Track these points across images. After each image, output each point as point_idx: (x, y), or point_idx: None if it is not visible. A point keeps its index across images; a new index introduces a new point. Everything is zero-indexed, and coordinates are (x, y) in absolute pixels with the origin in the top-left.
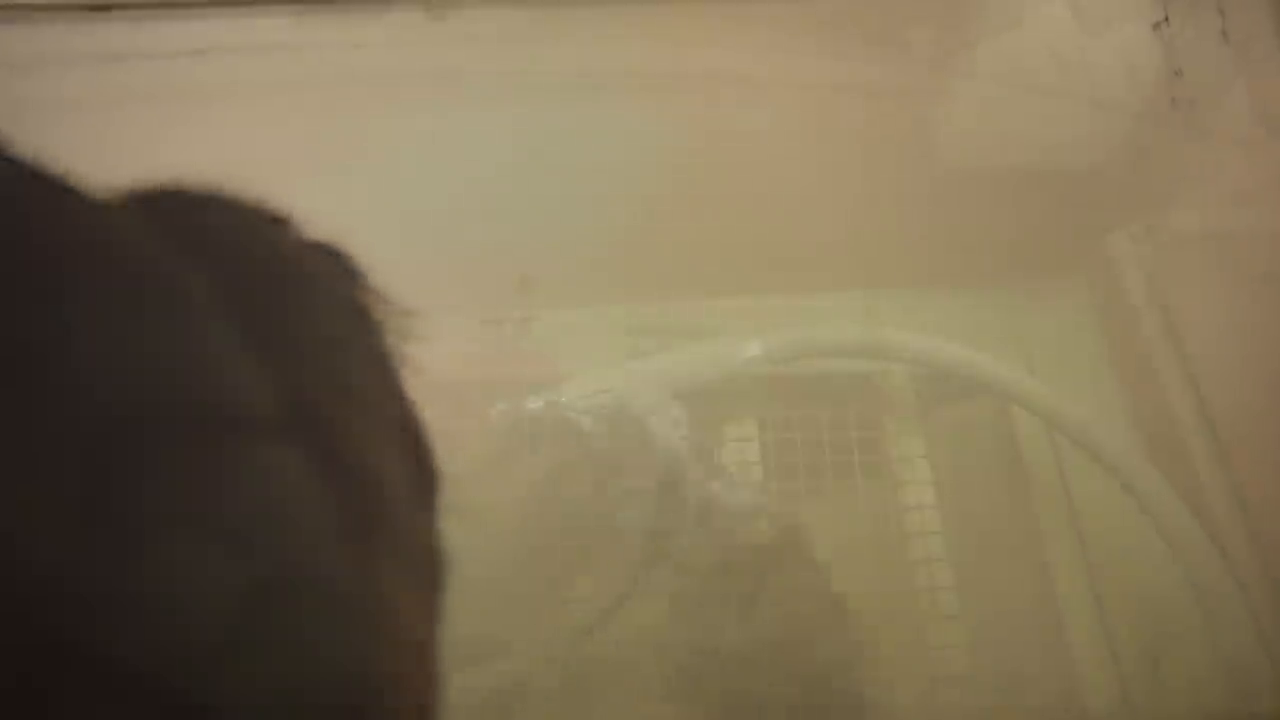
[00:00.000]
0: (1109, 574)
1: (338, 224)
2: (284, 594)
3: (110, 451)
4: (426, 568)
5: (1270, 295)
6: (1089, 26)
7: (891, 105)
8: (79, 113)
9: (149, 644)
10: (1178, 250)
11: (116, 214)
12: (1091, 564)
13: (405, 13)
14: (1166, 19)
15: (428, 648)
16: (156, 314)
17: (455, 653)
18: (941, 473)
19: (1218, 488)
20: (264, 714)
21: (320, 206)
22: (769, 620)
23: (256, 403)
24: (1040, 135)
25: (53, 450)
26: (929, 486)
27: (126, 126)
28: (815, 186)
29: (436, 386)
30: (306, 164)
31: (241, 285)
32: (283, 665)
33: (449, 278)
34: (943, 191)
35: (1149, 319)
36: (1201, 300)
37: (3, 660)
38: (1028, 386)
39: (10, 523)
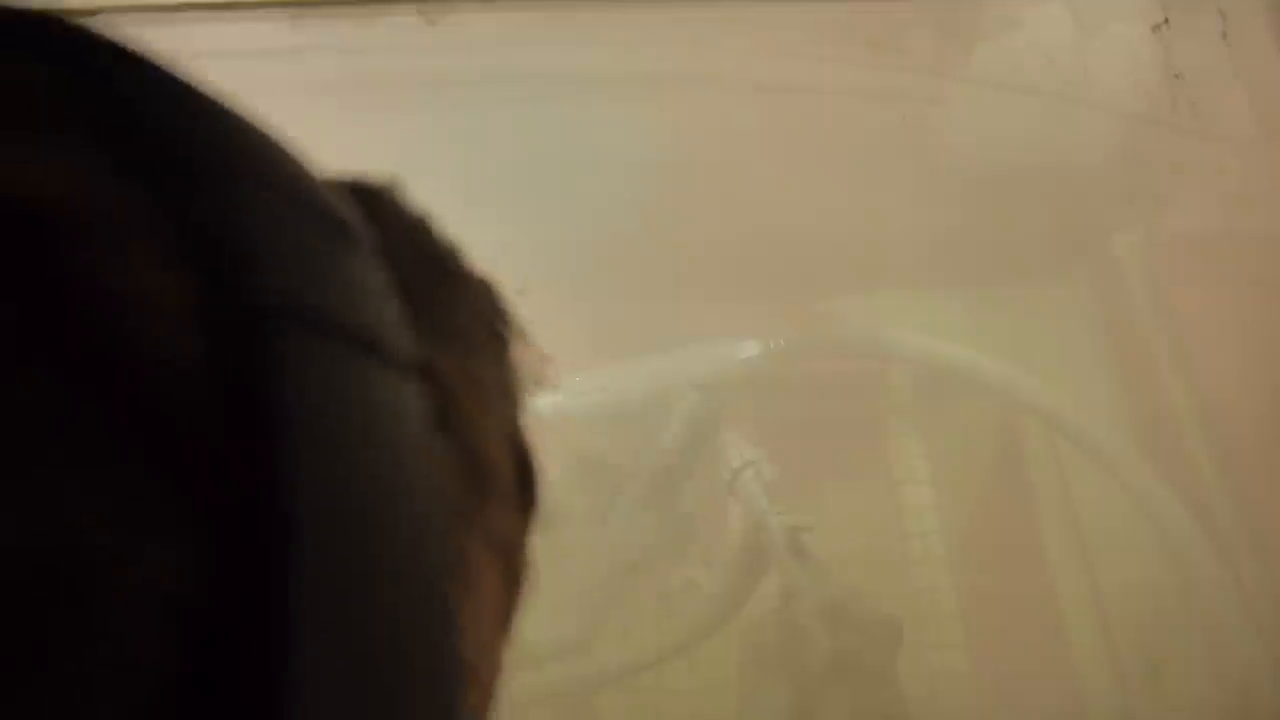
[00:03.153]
0: (1109, 574)
1: None
2: (386, 506)
3: (242, 329)
4: (512, 569)
5: (1270, 296)
6: (1088, 29)
7: (892, 108)
8: None
9: None
10: (1177, 251)
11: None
12: (1092, 564)
13: (400, 17)
14: (1166, 21)
15: (498, 646)
16: (316, 221)
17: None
18: (941, 473)
19: (1218, 488)
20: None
21: None
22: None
23: (399, 342)
24: (1040, 137)
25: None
26: (928, 486)
27: None
28: (815, 188)
29: None
30: None
31: (397, 262)
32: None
33: None
34: (943, 193)
35: (1149, 319)
36: (1201, 301)
37: None
38: (1027, 386)
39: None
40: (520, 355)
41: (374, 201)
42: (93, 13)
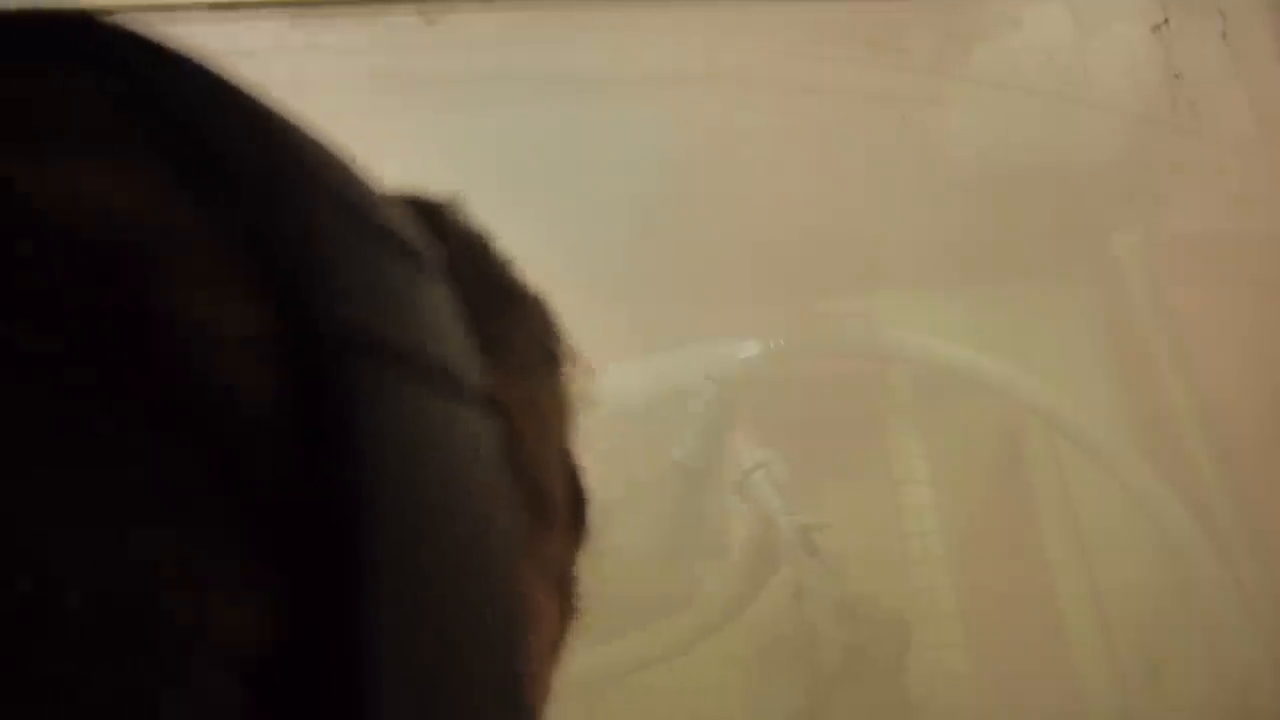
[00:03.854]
0: (1109, 574)
1: None
2: (463, 553)
3: (322, 367)
4: (565, 595)
5: (1270, 296)
6: (1088, 29)
7: (892, 108)
8: None
9: None
10: (1178, 251)
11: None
12: (1091, 564)
13: (400, 17)
14: (1166, 21)
15: (549, 675)
16: (390, 247)
17: None
18: (941, 473)
19: (1218, 488)
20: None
21: None
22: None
23: (470, 373)
24: (1040, 138)
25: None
26: (928, 486)
27: None
28: (816, 188)
29: None
30: None
31: (465, 282)
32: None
33: None
34: (943, 193)
35: (1149, 319)
36: (1201, 301)
37: None
38: (1027, 386)
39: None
40: (571, 373)
41: (436, 219)
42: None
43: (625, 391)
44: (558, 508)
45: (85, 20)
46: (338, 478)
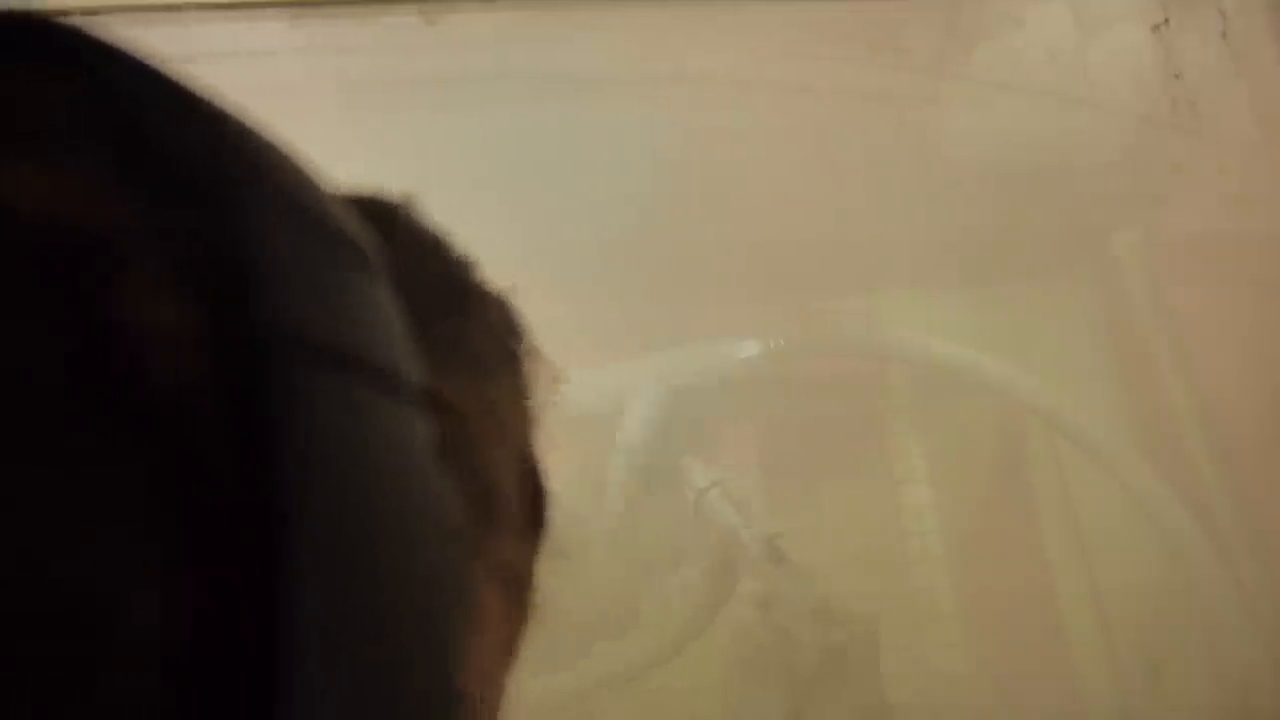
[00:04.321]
0: (1109, 574)
1: None
2: (394, 551)
3: (255, 367)
4: (517, 597)
5: (1270, 296)
6: (1089, 29)
7: (892, 108)
8: None
9: None
10: (1178, 251)
11: (315, 180)
12: (1091, 564)
13: (400, 17)
14: (1166, 21)
15: (501, 673)
16: (329, 245)
17: None
18: (941, 472)
19: (1218, 488)
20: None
21: None
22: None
23: (408, 371)
24: (1040, 137)
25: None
26: (928, 486)
27: None
28: (815, 188)
29: None
30: None
31: (412, 284)
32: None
33: None
34: (943, 193)
35: (1149, 319)
36: (1201, 301)
37: None
38: (1027, 386)
39: None
40: (534, 372)
41: (388, 220)
42: (93, 13)
43: (623, 392)
44: (511, 508)
45: (39, 21)
46: (264, 476)
